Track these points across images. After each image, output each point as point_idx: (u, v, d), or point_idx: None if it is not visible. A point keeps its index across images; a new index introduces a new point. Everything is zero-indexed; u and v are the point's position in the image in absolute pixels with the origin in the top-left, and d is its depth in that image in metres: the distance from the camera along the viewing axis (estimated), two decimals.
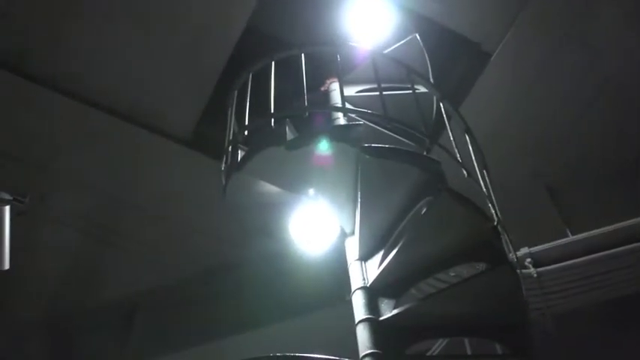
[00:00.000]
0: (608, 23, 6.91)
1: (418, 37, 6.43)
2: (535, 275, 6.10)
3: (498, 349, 4.63)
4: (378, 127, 5.50)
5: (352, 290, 4.45)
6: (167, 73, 7.04)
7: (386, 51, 6.28)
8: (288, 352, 3.64)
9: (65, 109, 7.03)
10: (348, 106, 5.45)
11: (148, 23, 6.71)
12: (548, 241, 6.38)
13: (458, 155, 4.65)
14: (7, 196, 6.58)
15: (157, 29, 6.76)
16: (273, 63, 5.18)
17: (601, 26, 6.93)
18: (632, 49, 7.08)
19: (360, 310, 4.27)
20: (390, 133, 5.46)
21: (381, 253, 4.50)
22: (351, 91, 6.14)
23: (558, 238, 6.48)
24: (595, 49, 7.04)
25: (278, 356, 3.53)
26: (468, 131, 5.13)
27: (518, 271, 4.35)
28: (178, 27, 6.80)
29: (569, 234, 6.82)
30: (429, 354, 5.63)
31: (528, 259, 6.20)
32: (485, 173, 4.94)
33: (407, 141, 5.63)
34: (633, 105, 7.43)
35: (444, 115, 5.05)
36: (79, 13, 6.62)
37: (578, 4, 6.83)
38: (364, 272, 4.51)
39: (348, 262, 4.68)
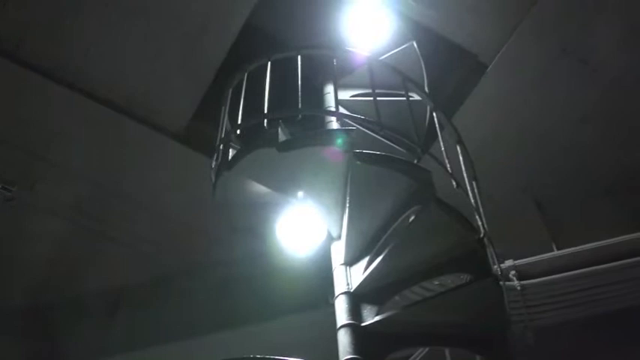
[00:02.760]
0: (606, 39, 6.92)
1: (415, 45, 6.45)
2: (519, 288, 6.12)
3: None
4: (371, 133, 5.53)
5: (335, 295, 4.46)
6: (164, 67, 7.03)
7: (382, 57, 6.30)
8: (269, 354, 3.64)
9: (60, 98, 7.01)
10: (341, 110, 5.46)
11: (148, 16, 6.70)
12: (534, 255, 6.41)
13: (448, 165, 4.66)
14: None
15: (156, 23, 6.75)
16: (269, 63, 5.20)
17: (598, 42, 6.93)
18: (628, 66, 7.09)
19: (342, 315, 4.28)
20: (383, 140, 5.49)
21: (367, 259, 4.51)
22: (345, 95, 6.15)
23: (544, 252, 6.52)
24: (591, 65, 7.06)
25: (257, 358, 3.53)
26: (460, 142, 5.15)
27: (501, 283, 4.38)
28: (178, 21, 6.79)
29: (555, 248, 6.85)
30: None
31: (513, 272, 6.23)
32: (474, 184, 4.96)
33: (399, 148, 5.66)
34: (627, 122, 7.44)
35: (437, 125, 5.07)
36: (78, 2, 6.60)
37: (576, 19, 6.83)
38: (348, 277, 4.52)
39: (333, 266, 4.69)
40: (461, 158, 5.03)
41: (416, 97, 5.46)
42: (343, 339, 4.14)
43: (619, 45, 6.95)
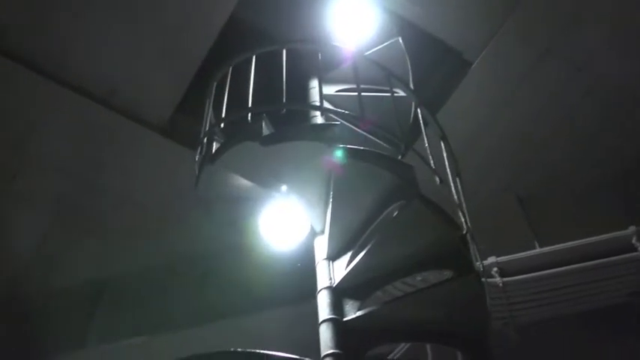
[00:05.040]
0: (590, 39, 6.96)
1: (401, 41, 6.45)
2: (501, 285, 6.14)
3: (459, 356, 4.67)
4: (355, 128, 5.52)
5: (318, 289, 4.46)
6: (147, 59, 6.98)
7: (368, 52, 6.30)
8: (250, 348, 3.63)
9: (42, 90, 6.92)
10: (326, 104, 5.46)
11: (131, 8, 6.64)
12: (516, 252, 6.43)
13: (432, 162, 4.67)
14: None
15: (139, 15, 6.69)
16: (254, 57, 5.18)
17: (583, 41, 6.97)
18: (613, 65, 7.13)
19: (324, 310, 4.28)
20: (368, 135, 5.48)
21: (350, 253, 4.51)
22: (331, 90, 6.15)
23: (527, 250, 6.55)
24: (576, 64, 7.09)
25: (238, 352, 3.52)
26: (444, 138, 5.16)
27: (483, 280, 4.39)
28: (161, 13, 6.74)
29: (537, 246, 6.88)
30: (390, 357, 5.66)
31: (495, 269, 6.25)
32: (457, 181, 4.97)
33: (383, 144, 5.66)
34: (612, 122, 7.50)
35: (421, 121, 5.07)
36: None
37: (562, 18, 6.86)
38: (331, 272, 4.52)
39: (316, 260, 4.69)
40: (444, 154, 5.04)
41: (401, 93, 5.47)
42: (324, 334, 4.15)
43: (603, 44, 6.99)
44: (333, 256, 4.62)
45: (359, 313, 4.23)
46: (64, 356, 8.16)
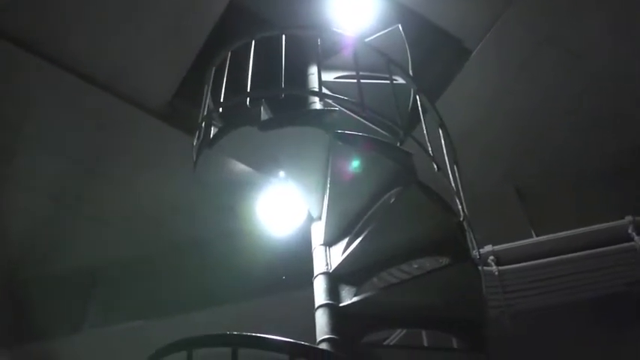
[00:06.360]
0: (592, 28, 6.93)
1: (400, 29, 6.43)
2: (497, 273, 6.16)
3: (455, 342, 4.69)
4: (354, 115, 5.52)
5: (314, 275, 4.47)
6: (146, 44, 6.95)
7: (367, 39, 6.28)
8: (247, 332, 3.64)
9: (42, 73, 6.92)
10: (325, 91, 5.45)
11: None
12: (513, 241, 6.45)
13: (430, 149, 4.67)
14: None
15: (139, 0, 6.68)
16: (253, 42, 5.16)
17: (584, 31, 6.94)
18: (615, 55, 7.11)
19: (320, 295, 4.31)
20: (366, 122, 5.48)
21: (346, 240, 4.53)
22: (330, 76, 6.14)
23: (523, 239, 6.56)
24: (575, 53, 7.07)
25: (234, 335, 3.53)
26: (442, 126, 5.16)
27: (480, 268, 4.40)
28: None
29: (534, 235, 6.90)
30: (385, 343, 5.68)
31: (491, 257, 6.27)
32: (455, 168, 4.97)
33: (382, 131, 5.65)
34: (611, 111, 7.48)
35: (420, 108, 5.06)
36: None
37: (561, 7, 6.83)
38: (328, 258, 4.54)
39: (313, 246, 4.71)
40: (443, 142, 5.04)
41: (400, 80, 5.46)
42: (321, 319, 4.17)
43: (603, 33, 6.96)
44: (330, 242, 4.65)
45: (355, 299, 4.25)
46: (61, 340, 8.17)
